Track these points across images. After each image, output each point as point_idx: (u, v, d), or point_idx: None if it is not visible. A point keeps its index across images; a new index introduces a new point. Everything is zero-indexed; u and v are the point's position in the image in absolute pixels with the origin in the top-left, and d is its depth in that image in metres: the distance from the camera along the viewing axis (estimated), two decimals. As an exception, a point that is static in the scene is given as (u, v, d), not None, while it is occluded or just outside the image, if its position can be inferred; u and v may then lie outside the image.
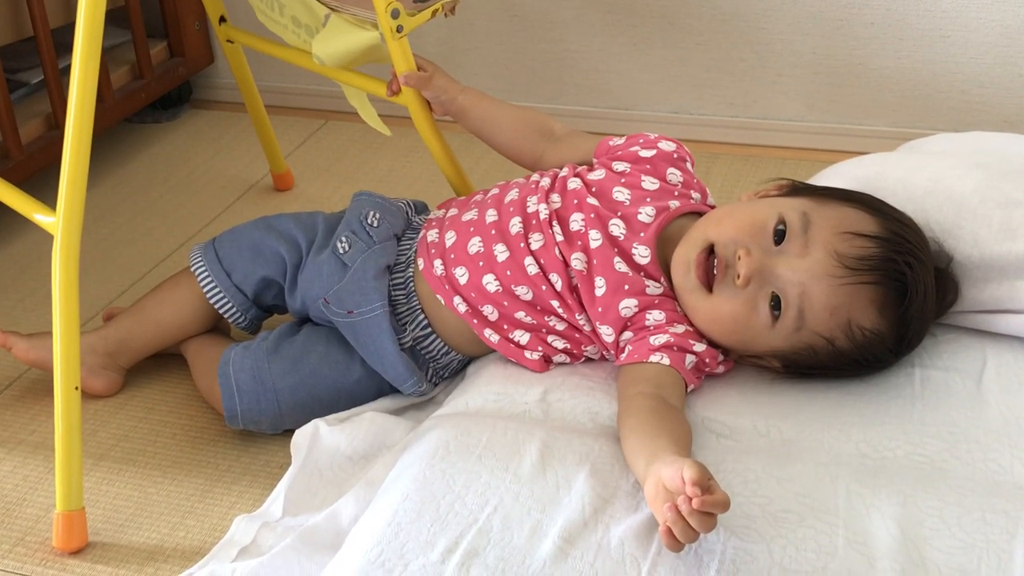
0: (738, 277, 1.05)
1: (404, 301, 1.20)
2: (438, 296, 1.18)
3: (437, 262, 1.19)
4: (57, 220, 1.06)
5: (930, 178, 1.20)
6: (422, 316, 1.20)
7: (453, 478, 0.98)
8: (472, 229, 1.19)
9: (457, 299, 1.17)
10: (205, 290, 1.28)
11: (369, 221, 1.23)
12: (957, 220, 1.15)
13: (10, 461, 1.24)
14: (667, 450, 0.94)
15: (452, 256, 1.18)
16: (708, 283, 1.09)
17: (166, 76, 1.90)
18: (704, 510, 0.84)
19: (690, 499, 0.85)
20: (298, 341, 1.22)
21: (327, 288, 1.21)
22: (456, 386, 1.22)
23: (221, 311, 1.28)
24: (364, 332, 1.18)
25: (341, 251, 1.22)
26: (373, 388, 1.21)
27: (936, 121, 1.77)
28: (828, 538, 0.90)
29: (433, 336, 1.20)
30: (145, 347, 1.33)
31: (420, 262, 1.21)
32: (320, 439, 1.14)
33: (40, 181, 1.58)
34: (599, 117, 1.90)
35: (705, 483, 0.85)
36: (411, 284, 1.21)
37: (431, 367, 1.22)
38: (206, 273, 1.28)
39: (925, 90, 1.76)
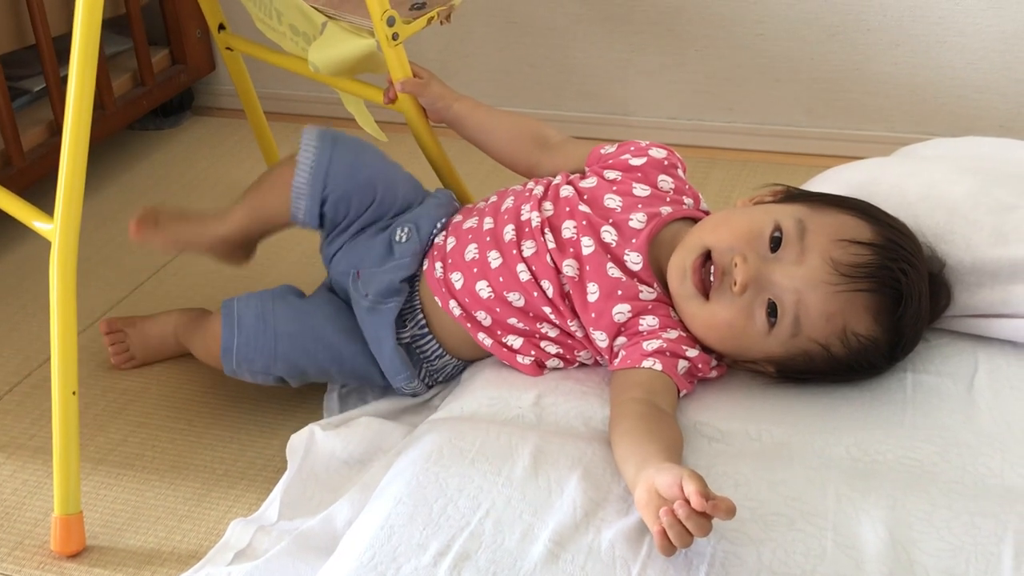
0: (735, 284, 1.06)
1: (408, 300, 1.22)
2: (436, 298, 1.19)
3: (438, 265, 1.20)
4: (54, 226, 1.07)
5: (923, 183, 1.21)
6: (421, 316, 1.21)
7: (446, 482, 0.99)
8: (470, 236, 1.20)
9: (452, 303, 1.18)
10: (296, 175, 1.22)
11: (437, 225, 1.24)
12: (950, 225, 1.16)
13: (9, 465, 1.25)
14: (657, 456, 0.94)
15: (450, 261, 1.19)
16: (704, 289, 1.09)
17: (168, 83, 1.92)
18: (711, 513, 0.85)
19: (686, 503, 0.85)
20: (308, 299, 1.25)
21: (365, 266, 1.22)
22: (451, 391, 1.23)
23: (293, 198, 1.23)
24: (372, 318, 1.20)
25: (397, 239, 1.23)
26: (367, 367, 1.23)
27: (933, 126, 1.77)
28: (817, 541, 0.90)
29: (430, 337, 1.21)
30: (260, 233, 1.30)
31: (424, 262, 1.22)
32: (316, 443, 1.15)
33: (42, 188, 1.59)
34: (598, 123, 1.91)
35: (706, 492, 0.86)
36: (416, 284, 1.22)
37: (425, 367, 1.23)
38: (309, 165, 1.22)
39: (922, 95, 1.77)
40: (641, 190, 1.17)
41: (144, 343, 1.39)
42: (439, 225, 1.24)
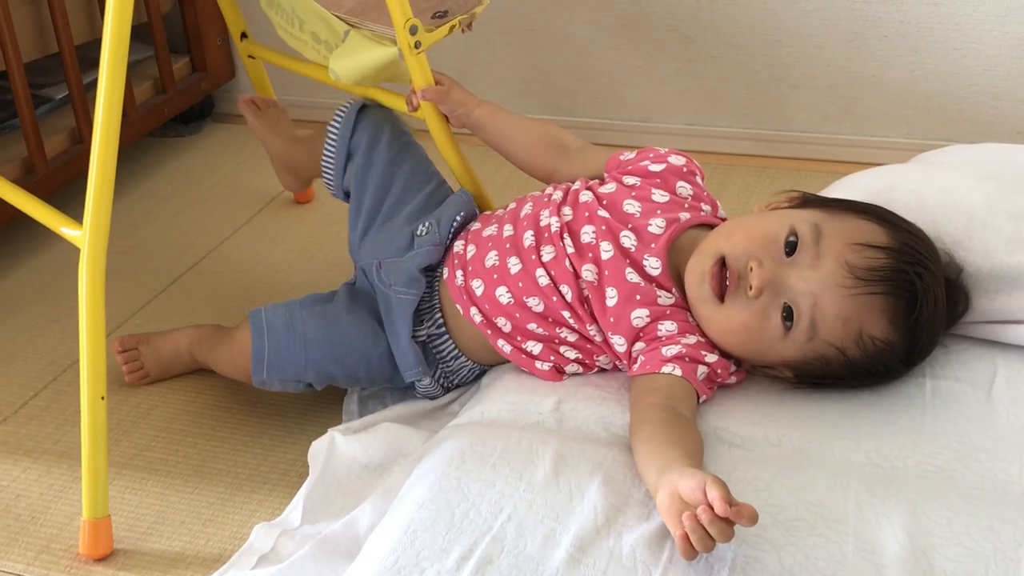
0: (750, 288, 1.07)
1: (427, 299, 1.23)
2: (457, 305, 1.21)
3: (459, 273, 1.21)
4: (84, 234, 1.08)
5: (941, 189, 1.21)
6: (439, 316, 1.23)
7: (468, 487, 1.00)
8: (490, 244, 1.21)
9: (473, 310, 1.19)
10: (328, 138, 1.35)
11: (456, 221, 1.26)
12: (968, 231, 1.16)
13: (35, 470, 1.26)
14: (679, 461, 0.95)
15: (471, 268, 1.21)
16: (721, 293, 1.10)
17: (188, 91, 1.93)
18: (734, 519, 0.85)
19: (710, 508, 0.86)
20: (332, 306, 1.27)
21: (388, 256, 1.25)
22: (471, 396, 1.24)
23: (323, 160, 1.36)
24: (393, 308, 1.22)
25: (418, 232, 1.25)
26: (393, 368, 1.24)
27: (950, 133, 1.78)
28: (838, 546, 0.91)
29: (446, 338, 1.23)
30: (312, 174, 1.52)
31: (445, 271, 1.23)
32: (336, 449, 1.16)
33: (64, 195, 1.60)
34: (615, 129, 1.92)
35: (729, 499, 0.86)
36: (436, 285, 1.24)
37: (440, 368, 1.25)
38: (336, 133, 1.35)
39: (939, 102, 1.77)
40: (660, 196, 1.18)
41: (158, 360, 1.39)
42: (458, 219, 1.26)
